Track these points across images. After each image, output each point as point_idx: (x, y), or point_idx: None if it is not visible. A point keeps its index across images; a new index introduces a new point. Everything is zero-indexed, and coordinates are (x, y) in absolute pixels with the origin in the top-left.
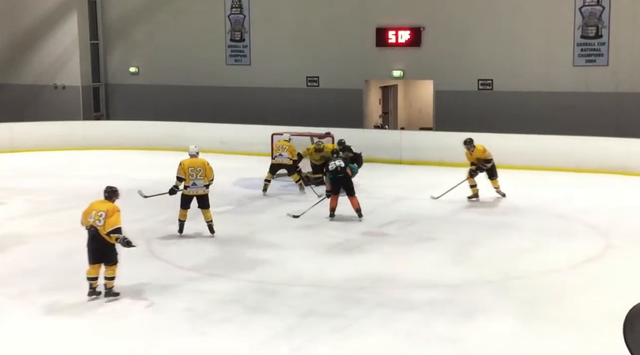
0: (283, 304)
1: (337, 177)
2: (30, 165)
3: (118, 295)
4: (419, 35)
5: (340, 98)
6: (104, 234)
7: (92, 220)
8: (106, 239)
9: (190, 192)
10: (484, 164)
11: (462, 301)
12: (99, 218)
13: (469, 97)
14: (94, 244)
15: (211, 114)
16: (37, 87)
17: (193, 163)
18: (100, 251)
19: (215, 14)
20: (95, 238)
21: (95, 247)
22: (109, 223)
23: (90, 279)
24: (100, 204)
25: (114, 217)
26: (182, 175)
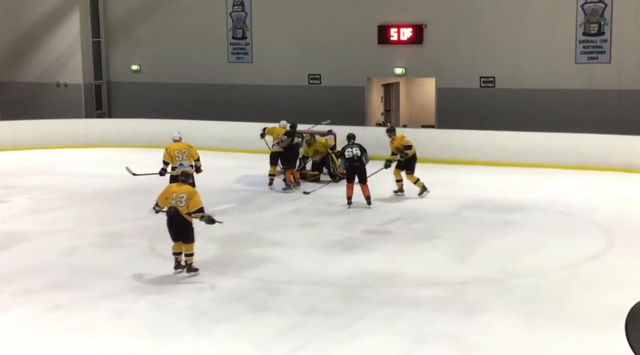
0: (286, 302)
1: (354, 165)
2: (33, 163)
3: (197, 271)
4: (420, 32)
5: (342, 96)
6: (184, 214)
7: (173, 202)
8: (185, 218)
9: (178, 172)
10: (404, 151)
11: (465, 299)
12: (180, 199)
13: (471, 95)
14: (173, 223)
15: (213, 111)
16: (40, 85)
17: (178, 147)
18: (178, 230)
19: (216, 11)
20: (175, 218)
21: (175, 226)
22: (192, 204)
23: (176, 254)
24: (178, 187)
25: (195, 198)
26: (168, 159)
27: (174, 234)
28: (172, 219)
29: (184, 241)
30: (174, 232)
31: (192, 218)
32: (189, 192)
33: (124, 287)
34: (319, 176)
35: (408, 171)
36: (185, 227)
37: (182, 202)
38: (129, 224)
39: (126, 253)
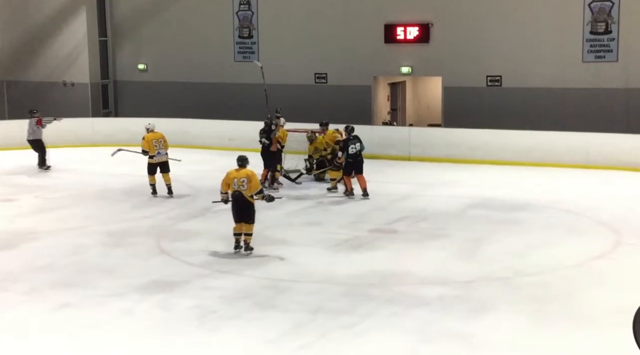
0: (292, 301)
1: (357, 159)
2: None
3: (252, 250)
4: (427, 31)
5: (348, 95)
6: (247, 197)
7: (235, 187)
8: (248, 200)
9: (156, 160)
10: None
11: (471, 298)
12: (242, 184)
13: (478, 94)
14: (237, 205)
15: (219, 110)
16: (47, 84)
17: (154, 136)
18: (242, 211)
19: (223, 10)
20: (238, 200)
21: (238, 208)
22: (253, 187)
23: (236, 235)
24: (236, 172)
25: (254, 180)
26: (147, 148)
27: (237, 215)
28: (236, 201)
29: (246, 222)
30: (237, 213)
31: (254, 200)
32: (248, 176)
33: (130, 285)
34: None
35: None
36: (248, 209)
37: (244, 185)
38: (136, 223)
39: (133, 252)
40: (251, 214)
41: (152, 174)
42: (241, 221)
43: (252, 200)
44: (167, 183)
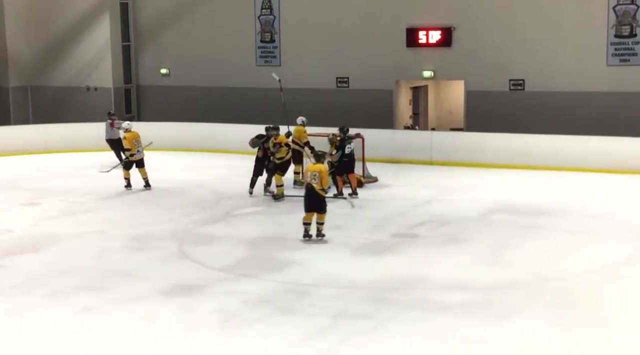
0: (313, 305)
1: (352, 159)
2: (64, 166)
3: (324, 236)
4: (449, 35)
5: (370, 99)
6: (317, 190)
7: (308, 179)
8: (319, 193)
9: (136, 157)
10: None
11: (493, 303)
12: (314, 177)
13: (501, 98)
14: (310, 197)
15: (241, 114)
16: (70, 89)
17: (134, 135)
18: (314, 203)
19: (245, 15)
20: (310, 192)
21: (310, 200)
22: (324, 182)
23: (305, 224)
24: (313, 166)
25: (325, 176)
26: (130, 146)
27: (309, 205)
28: (308, 193)
29: (318, 212)
30: (309, 204)
31: (324, 193)
32: (321, 171)
33: (153, 289)
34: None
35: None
36: (319, 201)
37: (315, 179)
38: (159, 227)
39: (156, 256)
40: (323, 206)
41: (128, 169)
42: (313, 211)
43: (322, 193)
44: (144, 177)
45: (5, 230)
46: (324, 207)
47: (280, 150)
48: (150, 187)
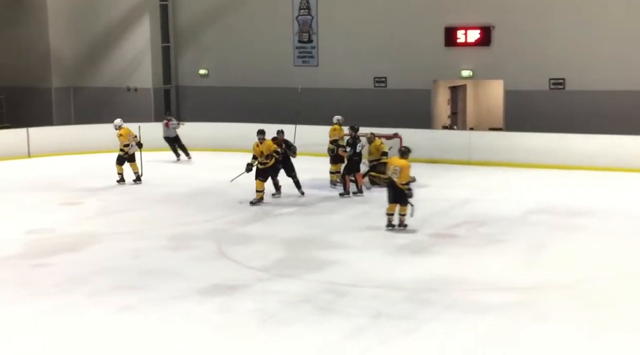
0: (352, 305)
1: (360, 158)
2: (103, 166)
3: (406, 226)
4: (488, 34)
5: (408, 99)
6: (398, 184)
7: (389, 173)
8: (399, 187)
9: (130, 151)
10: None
11: (533, 304)
12: (395, 172)
13: (540, 97)
14: (393, 190)
15: (278, 114)
16: (111, 89)
17: (128, 131)
18: (395, 195)
19: (283, 15)
20: (392, 186)
21: (393, 192)
22: (403, 177)
23: (388, 214)
24: (397, 160)
25: (405, 172)
26: (127, 141)
27: (393, 198)
28: (390, 186)
29: (400, 204)
30: (393, 196)
31: (405, 187)
32: (402, 166)
33: (191, 289)
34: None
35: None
36: (401, 194)
37: (395, 174)
38: (197, 226)
39: (194, 255)
40: (404, 198)
41: (121, 164)
42: (395, 202)
43: (403, 187)
44: (135, 171)
45: (47, 229)
46: (404, 199)
47: (263, 156)
48: (141, 182)
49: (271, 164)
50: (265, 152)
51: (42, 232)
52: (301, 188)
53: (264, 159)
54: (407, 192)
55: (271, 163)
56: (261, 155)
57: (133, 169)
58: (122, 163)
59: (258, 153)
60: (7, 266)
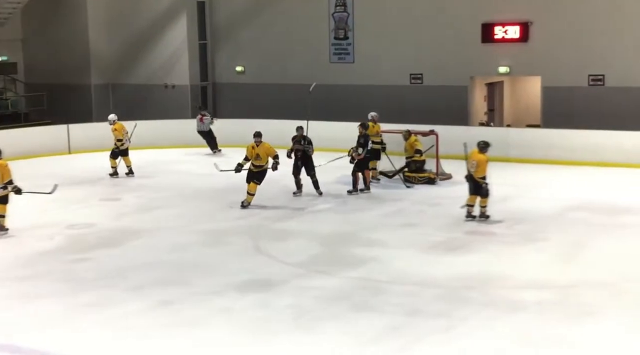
0: (388, 302)
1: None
2: (142, 163)
3: (488, 217)
4: (526, 30)
5: (444, 95)
6: (476, 178)
7: (468, 167)
8: (478, 181)
9: (126, 145)
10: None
11: (572, 303)
12: (472, 165)
13: (579, 93)
14: (471, 182)
15: (315, 111)
16: (149, 86)
17: (122, 126)
18: (475, 187)
19: (319, 12)
20: (471, 178)
21: (472, 184)
22: (479, 171)
23: (469, 206)
24: (476, 154)
25: (481, 166)
26: (121, 136)
27: (472, 189)
28: (469, 178)
29: (482, 196)
30: (472, 187)
31: (482, 180)
32: (479, 160)
33: (228, 284)
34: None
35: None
36: (480, 186)
37: (473, 167)
38: (234, 222)
39: (230, 251)
40: (483, 191)
41: (115, 158)
42: (476, 194)
43: (480, 181)
44: (128, 165)
45: (88, 224)
46: (485, 192)
47: (259, 159)
48: (134, 174)
49: (266, 167)
50: (263, 155)
51: (82, 227)
52: (319, 188)
53: (259, 161)
54: (483, 185)
55: (266, 166)
56: (257, 158)
57: (126, 162)
58: (116, 157)
59: (252, 155)
60: (48, 260)
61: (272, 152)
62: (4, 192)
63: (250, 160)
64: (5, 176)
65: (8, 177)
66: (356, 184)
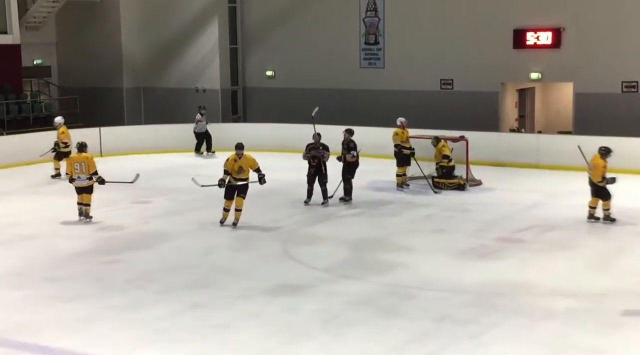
0: (417, 308)
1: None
2: (172, 166)
3: (614, 221)
4: (558, 36)
5: (475, 101)
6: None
7: (588, 169)
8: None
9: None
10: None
11: (604, 311)
12: (590, 169)
13: (612, 100)
14: (592, 185)
15: (344, 116)
16: (180, 90)
17: (67, 130)
18: (596, 190)
19: (350, 17)
20: (591, 182)
21: (593, 187)
22: (595, 175)
23: (591, 207)
24: (596, 158)
25: (597, 170)
26: (67, 139)
27: (593, 192)
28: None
29: (602, 199)
30: (593, 191)
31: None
32: (596, 165)
33: (258, 288)
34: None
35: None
36: (601, 189)
37: (591, 170)
38: (263, 226)
39: (260, 255)
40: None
41: (59, 160)
42: (597, 197)
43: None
44: (57, 167)
45: (119, 226)
46: (606, 194)
47: (242, 172)
48: (60, 177)
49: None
50: (246, 168)
51: (113, 230)
52: (327, 198)
53: (242, 174)
54: (602, 187)
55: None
56: (239, 172)
57: (56, 165)
58: (60, 159)
59: (233, 169)
60: (79, 262)
61: (255, 164)
62: (89, 183)
63: (230, 175)
64: (91, 167)
65: (93, 168)
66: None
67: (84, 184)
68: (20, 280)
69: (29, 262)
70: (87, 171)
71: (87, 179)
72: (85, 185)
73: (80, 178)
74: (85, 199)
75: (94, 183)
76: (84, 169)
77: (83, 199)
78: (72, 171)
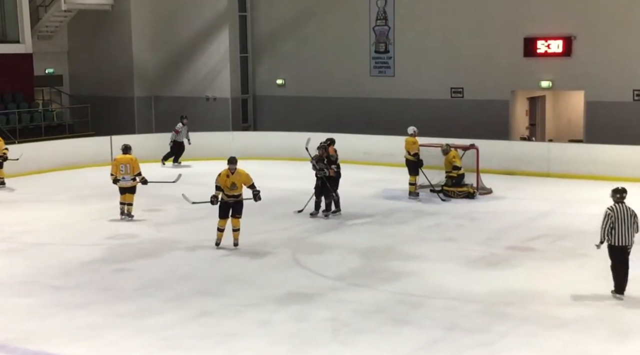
0: (426, 317)
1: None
2: (182, 174)
3: None
4: (569, 44)
5: (485, 109)
6: None
7: None
8: None
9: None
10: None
11: (615, 320)
12: None
13: (623, 109)
14: None
15: (354, 124)
16: (191, 99)
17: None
18: None
19: (360, 26)
20: None
21: None
22: None
23: None
24: None
25: None
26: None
27: None
28: None
29: None
30: None
31: None
32: None
33: (267, 296)
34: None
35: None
36: None
37: None
38: (273, 235)
39: (270, 263)
40: None
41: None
42: None
43: None
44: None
45: (129, 235)
46: None
47: (235, 188)
48: (5, 185)
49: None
50: (239, 184)
51: (123, 238)
52: (330, 211)
53: (235, 191)
54: None
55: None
56: (232, 188)
57: (0, 174)
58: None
59: (226, 185)
60: (89, 270)
61: (249, 181)
62: (133, 183)
63: (222, 191)
64: (135, 169)
65: (137, 169)
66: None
67: (128, 184)
68: (30, 288)
69: (38, 270)
70: (132, 172)
71: (131, 179)
72: (129, 186)
73: (125, 179)
74: (127, 199)
75: (138, 184)
76: (129, 169)
77: (126, 198)
78: (117, 172)
